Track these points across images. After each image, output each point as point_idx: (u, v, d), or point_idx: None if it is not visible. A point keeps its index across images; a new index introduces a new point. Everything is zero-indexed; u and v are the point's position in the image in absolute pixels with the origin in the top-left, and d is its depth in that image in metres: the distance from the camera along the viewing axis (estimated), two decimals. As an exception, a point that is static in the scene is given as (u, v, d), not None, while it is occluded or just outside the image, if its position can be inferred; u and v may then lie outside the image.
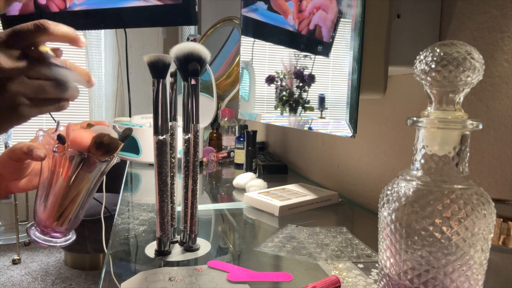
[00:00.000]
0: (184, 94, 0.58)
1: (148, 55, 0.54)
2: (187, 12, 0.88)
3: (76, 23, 1.00)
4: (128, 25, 1.07)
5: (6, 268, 2.60)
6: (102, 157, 0.51)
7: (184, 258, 0.57)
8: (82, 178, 0.52)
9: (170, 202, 0.59)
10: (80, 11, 0.97)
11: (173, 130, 0.62)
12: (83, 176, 0.52)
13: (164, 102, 0.56)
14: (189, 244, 0.60)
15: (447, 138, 0.33)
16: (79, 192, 0.53)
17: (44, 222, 0.53)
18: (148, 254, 0.58)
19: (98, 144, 0.50)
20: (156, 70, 0.54)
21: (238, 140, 1.39)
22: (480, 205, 0.32)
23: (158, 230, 0.57)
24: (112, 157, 0.52)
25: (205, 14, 2.60)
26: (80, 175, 0.51)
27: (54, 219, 0.52)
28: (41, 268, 2.60)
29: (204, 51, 0.57)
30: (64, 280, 2.44)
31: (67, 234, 0.55)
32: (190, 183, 0.59)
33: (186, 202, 0.59)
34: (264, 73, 0.99)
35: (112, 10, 0.93)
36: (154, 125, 0.56)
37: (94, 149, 0.50)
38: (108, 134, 0.51)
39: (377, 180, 0.86)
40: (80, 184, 0.52)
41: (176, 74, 0.61)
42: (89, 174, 0.52)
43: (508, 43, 0.54)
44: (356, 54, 0.59)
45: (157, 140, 0.56)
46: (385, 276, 0.36)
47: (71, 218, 0.54)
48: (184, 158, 0.60)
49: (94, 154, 0.50)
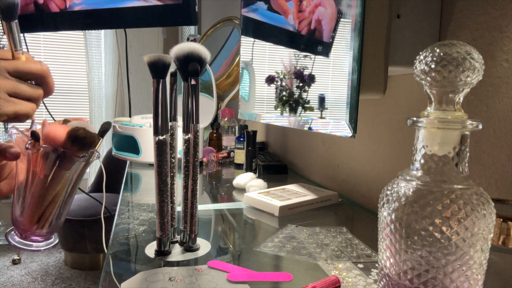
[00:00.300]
0: (184, 94, 0.58)
1: (148, 55, 0.53)
2: (187, 12, 0.88)
3: (76, 23, 1.00)
4: (128, 25, 1.07)
5: (6, 268, 2.60)
6: (78, 153, 0.48)
7: (184, 258, 0.57)
8: (60, 176, 0.49)
9: (170, 202, 0.59)
10: (80, 11, 0.97)
11: (173, 130, 0.62)
12: (61, 174, 0.49)
13: (164, 102, 0.56)
14: (189, 244, 0.60)
15: (447, 138, 0.33)
16: (58, 192, 0.50)
17: (23, 225, 0.50)
18: (148, 254, 0.58)
19: (73, 138, 0.47)
20: (156, 70, 0.54)
21: (238, 140, 1.39)
22: (480, 205, 0.32)
23: (158, 230, 0.57)
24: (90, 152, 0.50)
25: (205, 14, 2.60)
26: (58, 173, 0.49)
27: (34, 222, 0.50)
28: (41, 268, 2.60)
29: (204, 51, 0.57)
30: (64, 280, 2.44)
31: (48, 238, 0.52)
32: (190, 183, 0.59)
33: (186, 202, 0.59)
34: (264, 73, 0.99)
35: (112, 10, 0.93)
36: (154, 125, 0.56)
37: (69, 144, 0.47)
38: (83, 127, 0.48)
39: (377, 180, 0.87)
40: (58, 183, 0.49)
41: (176, 74, 0.61)
42: (67, 172, 0.49)
43: (508, 43, 0.54)
44: (356, 54, 0.59)
45: (157, 140, 0.56)
46: (385, 276, 0.36)
47: (52, 220, 0.51)
48: (184, 158, 0.60)
49: (70, 150, 0.48)
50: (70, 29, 1.89)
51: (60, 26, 1.04)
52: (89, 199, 2.37)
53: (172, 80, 0.61)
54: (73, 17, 0.98)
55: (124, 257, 0.59)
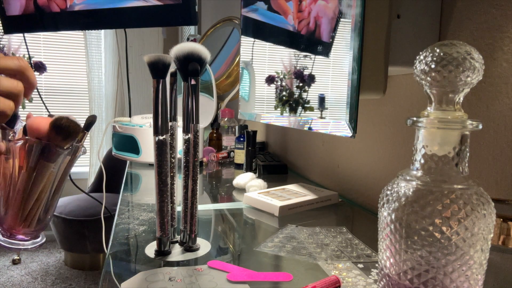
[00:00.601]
0: (184, 94, 0.58)
1: (148, 55, 0.53)
2: (187, 12, 0.88)
3: (76, 23, 1.00)
4: (128, 25, 1.07)
5: (6, 268, 2.60)
6: (63, 143, 0.47)
7: (184, 258, 0.57)
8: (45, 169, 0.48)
9: (170, 202, 0.59)
10: (80, 11, 0.97)
11: (173, 130, 0.62)
12: (46, 167, 0.48)
13: (164, 102, 0.56)
14: (189, 244, 0.60)
15: (447, 138, 0.33)
16: (44, 187, 0.49)
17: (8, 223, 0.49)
18: (148, 254, 0.58)
19: (56, 127, 0.47)
20: (156, 70, 0.54)
21: (238, 140, 1.39)
22: (480, 205, 0.32)
23: (158, 230, 0.57)
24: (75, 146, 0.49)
25: (205, 14, 2.61)
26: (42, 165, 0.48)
27: (20, 219, 0.49)
28: (41, 268, 2.60)
29: (204, 51, 0.57)
30: (64, 280, 2.44)
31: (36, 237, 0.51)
32: (190, 183, 0.59)
33: (186, 202, 0.59)
34: (264, 73, 0.99)
35: (112, 10, 0.93)
36: (154, 125, 0.56)
37: (53, 134, 0.47)
38: (66, 117, 0.48)
39: (377, 180, 0.87)
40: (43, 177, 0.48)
41: (176, 74, 0.61)
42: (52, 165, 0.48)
43: (508, 43, 0.54)
44: (356, 54, 0.59)
45: (157, 140, 0.56)
46: (385, 276, 0.36)
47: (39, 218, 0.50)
48: (184, 158, 0.60)
49: (54, 140, 0.47)
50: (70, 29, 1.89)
51: (60, 26, 1.04)
52: (89, 199, 2.37)
53: (172, 80, 0.61)
54: (73, 17, 0.98)
55: (124, 257, 0.59)
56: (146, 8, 0.90)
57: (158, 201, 0.57)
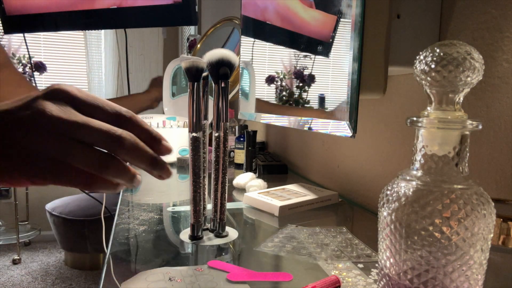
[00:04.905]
0: (215, 96, 0.64)
1: (184, 61, 0.58)
2: (187, 12, 0.88)
3: (76, 23, 1.00)
4: (128, 25, 1.07)
5: (6, 268, 2.60)
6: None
7: (218, 243, 0.62)
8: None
9: (202, 193, 0.64)
10: (80, 11, 0.97)
11: (205, 128, 0.66)
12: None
13: (198, 102, 0.61)
14: (219, 231, 0.65)
15: (447, 138, 0.33)
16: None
17: None
18: (183, 239, 0.63)
19: None
20: (191, 74, 0.59)
21: (238, 140, 1.39)
22: (480, 205, 0.32)
23: (192, 217, 0.62)
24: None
25: (205, 14, 2.61)
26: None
27: None
28: (41, 268, 2.60)
29: (233, 56, 0.62)
30: (64, 280, 2.44)
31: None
32: (220, 176, 0.63)
33: (216, 193, 0.64)
34: (264, 73, 0.99)
35: (113, 10, 0.93)
36: (190, 123, 0.61)
37: None
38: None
39: (377, 180, 0.87)
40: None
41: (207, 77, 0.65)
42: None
43: (508, 43, 0.54)
44: (356, 54, 0.59)
45: (192, 137, 0.61)
46: (385, 276, 0.36)
47: None
48: (214, 153, 0.65)
49: None
50: (70, 29, 1.89)
51: (60, 26, 1.04)
52: (89, 199, 2.37)
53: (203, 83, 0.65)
54: (73, 17, 0.98)
55: (124, 257, 0.59)
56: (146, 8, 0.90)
57: (192, 192, 0.62)
